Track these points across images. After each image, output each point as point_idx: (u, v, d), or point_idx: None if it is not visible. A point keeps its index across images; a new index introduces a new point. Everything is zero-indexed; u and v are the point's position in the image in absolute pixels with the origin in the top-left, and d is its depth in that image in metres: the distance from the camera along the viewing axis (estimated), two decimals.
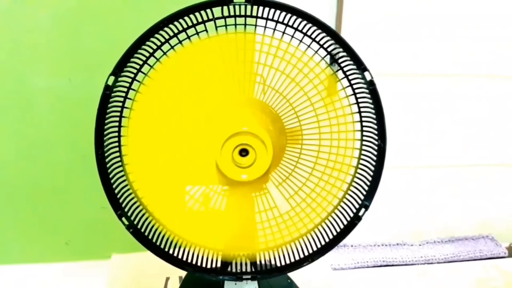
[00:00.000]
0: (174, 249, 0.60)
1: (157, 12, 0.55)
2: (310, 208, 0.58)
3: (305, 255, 0.60)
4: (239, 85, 0.56)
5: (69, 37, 0.86)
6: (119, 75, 0.55)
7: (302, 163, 0.58)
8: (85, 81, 0.88)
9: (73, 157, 0.91)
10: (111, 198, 0.57)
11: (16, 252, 0.95)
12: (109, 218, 0.59)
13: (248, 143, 0.52)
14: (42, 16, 0.84)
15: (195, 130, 0.55)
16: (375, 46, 0.98)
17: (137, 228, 0.58)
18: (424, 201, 1.10)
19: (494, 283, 0.94)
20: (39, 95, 0.88)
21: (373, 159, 0.57)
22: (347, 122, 0.56)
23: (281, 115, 0.57)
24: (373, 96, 0.56)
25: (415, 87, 1.03)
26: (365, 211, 0.58)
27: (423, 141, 1.06)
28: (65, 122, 0.89)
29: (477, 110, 1.07)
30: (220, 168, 0.53)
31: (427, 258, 1.02)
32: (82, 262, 0.95)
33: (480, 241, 1.10)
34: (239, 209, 0.59)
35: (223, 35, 0.54)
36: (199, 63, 0.54)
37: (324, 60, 0.56)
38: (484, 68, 1.04)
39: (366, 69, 0.55)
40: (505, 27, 1.02)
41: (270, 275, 0.61)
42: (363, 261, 1.00)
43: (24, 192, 0.92)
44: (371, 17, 0.96)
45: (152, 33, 0.54)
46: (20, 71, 0.86)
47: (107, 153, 0.56)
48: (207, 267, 0.61)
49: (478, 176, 1.11)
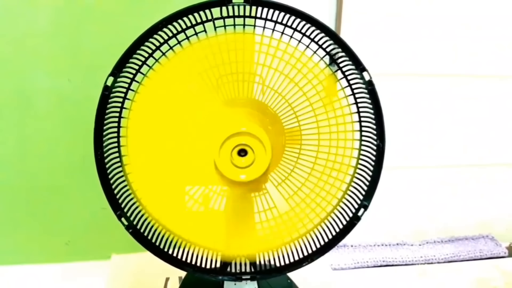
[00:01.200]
0: (174, 250, 0.60)
1: (156, 12, 0.55)
2: (309, 208, 0.58)
3: (305, 255, 0.60)
4: (238, 85, 0.56)
5: (68, 38, 0.86)
6: (118, 76, 0.55)
7: (301, 163, 0.58)
8: (84, 81, 0.88)
9: (73, 158, 0.91)
10: (110, 198, 0.57)
11: (16, 253, 0.94)
12: (109, 218, 0.59)
13: (247, 144, 0.53)
14: (42, 17, 0.84)
15: (194, 130, 0.55)
16: (375, 46, 0.98)
17: (136, 228, 0.58)
18: (424, 201, 1.10)
19: (494, 283, 0.94)
20: (39, 96, 0.88)
21: (372, 159, 0.58)
22: (346, 122, 0.56)
23: (280, 115, 0.57)
24: (372, 96, 0.56)
25: (415, 87, 1.03)
26: (364, 211, 0.58)
27: (423, 141, 1.06)
28: (64, 122, 0.90)
29: (477, 110, 1.07)
30: (219, 168, 0.53)
31: (427, 258, 1.02)
32: (82, 263, 0.95)
33: (480, 241, 1.10)
34: (238, 209, 0.59)
35: (222, 36, 0.54)
36: (197, 63, 0.54)
37: (323, 61, 0.56)
38: (484, 68, 1.04)
39: (365, 69, 0.55)
40: (505, 27, 1.02)
41: (269, 275, 0.61)
42: (363, 261, 0.99)
43: (23, 192, 0.92)
44: (370, 17, 0.96)
45: (151, 34, 0.54)
46: (19, 71, 0.86)
47: (106, 153, 0.57)
48: (207, 267, 0.61)
49: (478, 176, 1.11)
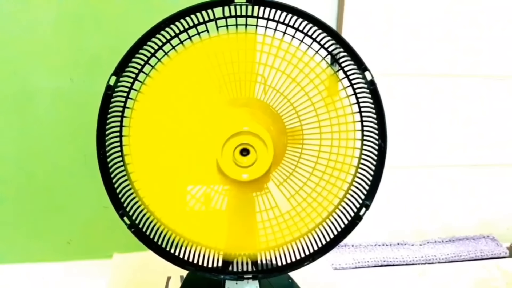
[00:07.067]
0: (176, 249, 0.60)
1: (159, 12, 0.55)
2: (311, 207, 0.58)
3: (306, 254, 0.60)
4: (240, 85, 0.56)
5: (71, 37, 0.86)
6: (121, 75, 0.55)
7: (303, 162, 0.58)
8: (87, 81, 0.88)
9: (75, 157, 0.91)
10: (112, 197, 0.57)
11: (18, 251, 0.95)
12: (111, 217, 0.59)
13: (249, 143, 0.53)
14: (44, 16, 0.85)
15: (196, 130, 0.55)
16: (376, 46, 0.98)
17: (138, 227, 0.58)
18: (425, 201, 1.10)
19: (495, 283, 0.94)
20: (41, 95, 0.88)
21: (373, 159, 0.58)
22: (347, 122, 0.56)
23: (282, 115, 0.57)
24: (374, 96, 0.56)
25: (415, 87, 1.03)
26: (366, 210, 0.59)
27: (423, 141, 1.06)
28: (67, 121, 0.90)
29: (477, 110, 1.07)
30: (221, 167, 0.53)
31: (428, 258, 1.02)
32: (84, 262, 0.95)
33: (481, 241, 1.10)
34: (240, 208, 0.59)
35: (224, 35, 0.54)
36: (200, 63, 0.54)
37: (325, 60, 0.56)
38: (484, 68, 1.04)
39: (367, 69, 0.55)
40: (505, 27, 1.02)
41: (271, 274, 0.61)
42: (364, 260, 1.00)
43: (25, 191, 0.92)
44: (372, 17, 0.96)
45: (154, 33, 0.54)
46: (22, 70, 0.87)
47: (108, 153, 0.57)
48: (208, 267, 0.61)
49: (478, 176, 1.11)
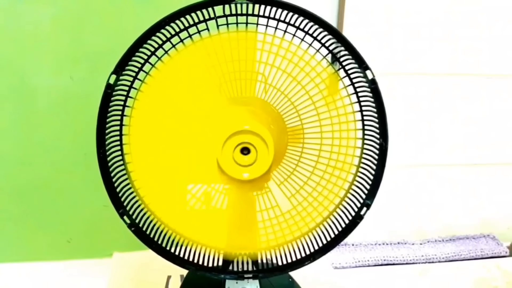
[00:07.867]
0: (176, 248, 0.60)
1: (159, 10, 0.55)
2: (311, 206, 0.58)
3: (307, 254, 0.60)
4: (241, 84, 0.56)
5: (71, 35, 0.86)
6: (121, 74, 0.55)
7: (304, 161, 0.58)
8: (87, 79, 0.88)
9: (75, 156, 0.91)
10: (112, 196, 0.57)
11: (18, 250, 0.95)
12: (111, 216, 0.59)
13: (250, 142, 0.53)
14: (44, 14, 0.84)
15: (196, 128, 0.55)
16: (377, 45, 0.98)
17: (138, 226, 0.58)
18: (425, 200, 1.10)
19: (495, 283, 0.94)
20: (41, 93, 0.88)
21: (374, 158, 0.57)
22: (348, 121, 0.56)
23: (282, 113, 0.57)
24: (375, 94, 0.56)
25: (415, 87, 1.03)
26: (367, 210, 0.58)
27: (424, 141, 1.06)
28: (66, 120, 0.89)
29: (477, 110, 1.07)
30: (222, 166, 0.53)
31: (428, 257, 1.02)
32: (84, 261, 0.95)
33: (481, 240, 1.10)
34: (241, 207, 0.59)
35: (225, 34, 0.54)
36: (200, 62, 0.54)
37: (325, 59, 0.56)
38: (484, 68, 1.04)
39: (368, 68, 0.55)
40: (505, 27, 1.02)
41: (271, 274, 0.61)
42: (364, 260, 0.99)
43: (25, 190, 0.92)
44: (372, 15, 0.96)
45: (154, 32, 0.54)
46: (21, 69, 0.86)
47: (108, 151, 0.56)
48: (209, 266, 0.61)
49: (479, 175, 1.11)
